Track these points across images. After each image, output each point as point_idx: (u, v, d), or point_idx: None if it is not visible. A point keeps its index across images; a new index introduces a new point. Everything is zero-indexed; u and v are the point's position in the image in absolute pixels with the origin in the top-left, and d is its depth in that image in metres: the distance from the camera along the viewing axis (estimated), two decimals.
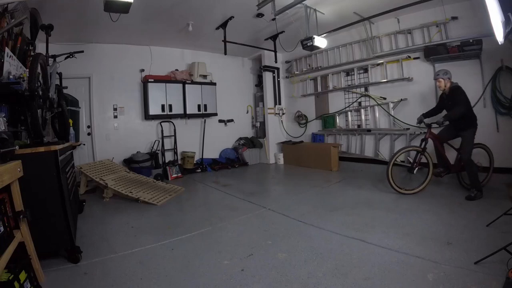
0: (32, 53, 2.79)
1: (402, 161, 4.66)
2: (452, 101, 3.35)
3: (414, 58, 4.71)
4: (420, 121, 3.64)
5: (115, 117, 5.42)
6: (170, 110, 5.60)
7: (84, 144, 5.02)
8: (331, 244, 2.13)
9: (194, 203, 3.70)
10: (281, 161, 6.48)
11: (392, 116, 4.97)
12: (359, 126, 5.54)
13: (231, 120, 6.88)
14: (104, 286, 1.72)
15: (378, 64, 5.15)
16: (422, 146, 3.43)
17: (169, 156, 5.74)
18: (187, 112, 5.84)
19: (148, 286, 1.70)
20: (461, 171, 3.48)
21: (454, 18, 4.19)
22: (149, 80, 5.40)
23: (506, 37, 1.85)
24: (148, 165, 5.11)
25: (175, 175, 5.37)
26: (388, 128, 5.09)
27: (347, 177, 4.51)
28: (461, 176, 3.51)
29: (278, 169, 5.92)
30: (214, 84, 6.26)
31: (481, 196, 3.08)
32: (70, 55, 3.47)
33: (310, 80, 6.39)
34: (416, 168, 3.47)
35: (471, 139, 3.32)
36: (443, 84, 3.44)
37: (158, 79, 5.52)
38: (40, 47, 3.22)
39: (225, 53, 5.21)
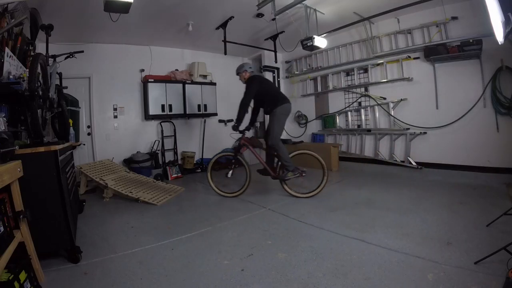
0: (32, 53, 2.79)
1: (395, 160, 4.64)
2: None
3: (414, 58, 4.72)
4: (235, 127, 3.45)
5: (115, 117, 5.42)
6: (170, 110, 5.60)
7: (84, 144, 5.02)
8: (331, 244, 2.13)
9: (194, 203, 3.70)
10: None
11: (392, 116, 4.98)
12: (359, 126, 5.54)
13: (231, 120, 6.84)
14: (104, 286, 1.71)
15: (378, 64, 5.16)
16: (236, 152, 3.50)
17: (169, 156, 5.74)
18: (187, 112, 5.83)
19: (148, 286, 1.70)
20: (281, 178, 3.36)
21: (454, 18, 4.19)
22: (149, 80, 5.39)
23: (506, 37, 1.86)
24: (148, 165, 5.10)
25: (175, 175, 5.36)
26: (388, 128, 5.09)
27: (347, 177, 4.51)
28: (285, 182, 3.39)
29: None
30: (214, 84, 6.26)
31: (298, 173, 3.10)
32: (70, 55, 3.46)
33: (310, 80, 6.40)
34: (231, 172, 3.52)
35: (274, 121, 3.19)
36: (242, 78, 3.51)
37: (158, 79, 5.52)
38: (40, 47, 3.21)
39: (225, 53, 5.21)
